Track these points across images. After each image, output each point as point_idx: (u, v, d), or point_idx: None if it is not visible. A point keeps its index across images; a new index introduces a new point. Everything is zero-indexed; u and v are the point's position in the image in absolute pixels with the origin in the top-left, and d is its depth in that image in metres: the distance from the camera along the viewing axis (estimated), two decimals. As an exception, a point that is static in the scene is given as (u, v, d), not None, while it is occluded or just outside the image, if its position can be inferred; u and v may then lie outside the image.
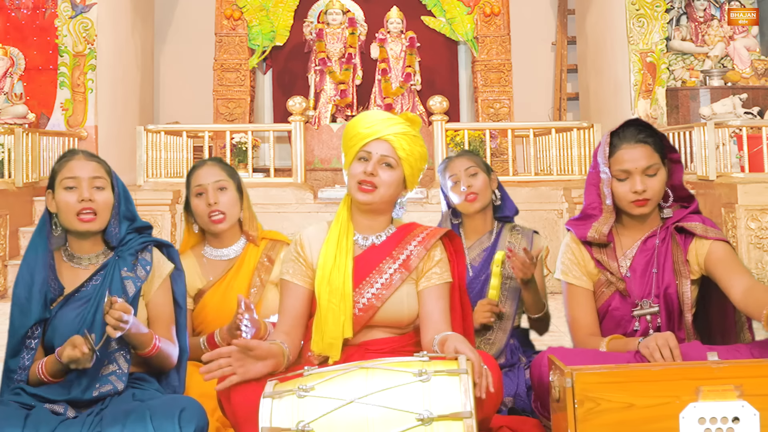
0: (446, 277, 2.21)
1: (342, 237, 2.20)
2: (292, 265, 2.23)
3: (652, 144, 2.33)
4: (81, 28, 8.17)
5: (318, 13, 9.57)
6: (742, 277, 2.20)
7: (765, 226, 5.92)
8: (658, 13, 8.12)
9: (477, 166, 2.89)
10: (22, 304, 2.18)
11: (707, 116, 7.62)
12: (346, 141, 2.24)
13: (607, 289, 2.39)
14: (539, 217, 6.65)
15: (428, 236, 2.23)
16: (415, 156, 2.21)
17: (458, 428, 1.70)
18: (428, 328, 2.14)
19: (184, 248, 2.81)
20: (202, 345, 2.59)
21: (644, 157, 2.30)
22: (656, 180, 2.31)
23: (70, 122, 8.15)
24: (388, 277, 2.17)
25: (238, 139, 7.89)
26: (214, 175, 2.72)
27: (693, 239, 2.33)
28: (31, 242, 2.26)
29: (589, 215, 2.41)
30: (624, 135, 2.34)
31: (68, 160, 2.26)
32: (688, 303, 2.32)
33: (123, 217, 2.29)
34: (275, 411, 1.77)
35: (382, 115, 2.23)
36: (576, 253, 2.42)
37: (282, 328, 2.17)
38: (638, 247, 2.38)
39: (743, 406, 1.78)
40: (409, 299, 2.19)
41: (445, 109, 7.36)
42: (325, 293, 2.15)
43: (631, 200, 2.31)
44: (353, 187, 2.18)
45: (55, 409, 2.10)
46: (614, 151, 2.34)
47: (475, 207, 2.85)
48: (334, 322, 2.13)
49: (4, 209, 6.61)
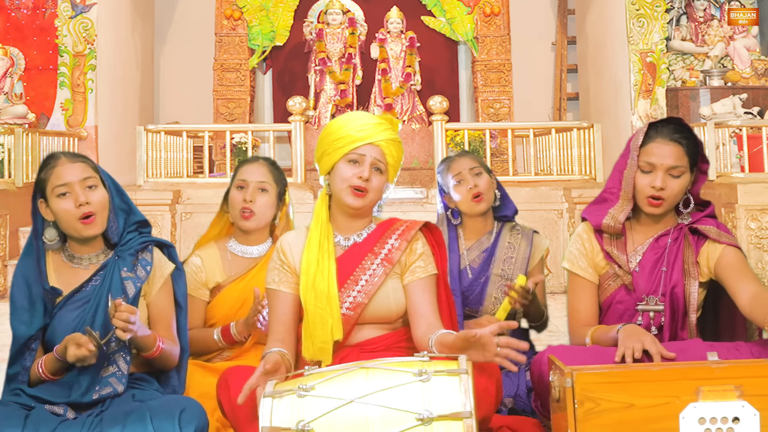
0: (431, 269, 2.21)
1: (323, 239, 2.20)
2: (277, 273, 2.23)
3: (685, 146, 2.31)
4: (81, 28, 8.17)
5: (318, 13, 9.57)
6: (750, 284, 2.20)
7: (765, 226, 5.93)
8: (658, 13, 8.12)
9: (481, 166, 2.88)
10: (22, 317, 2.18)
11: (707, 116, 7.62)
12: (331, 141, 2.20)
13: (614, 282, 2.38)
14: (539, 217, 6.65)
15: (407, 228, 2.23)
16: (398, 161, 2.24)
17: (458, 428, 1.70)
18: (418, 321, 2.15)
19: (208, 235, 2.81)
20: (216, 336, 2.61)
21: (673, 157, 2.29)
22: (678, 183, 2.30)
23: (70, 122, 8.15)
24: (372, 272, 2.18)
25: (238, 139, 7.89)
26: (260, 175, 2.74)
27: (706, 242, 2.32)
28: (25, 247, 2.25)
29: (605, 199, 2.40)
30: (661, 129, 2.33)
31: (53, 167, 2.22)
32: (694, 304, 2.31)
33: (119, 209, 2.28)
34: (275, 410, 1.77)
35: (372, 119, 2.22)
36: (586, 245, 2.41)
37: (275, 336, 2.16)
38: (650, 244, 2.37)
39: (743, 407, 1.78)
40: (396, 293, 2.19)
41: (445, 109, 7.36)
42: (311, 298, 2.15)
43: (647, 195, 2.30)
44: (343, 189, 2.17)
45: (55, 410, 2.09)
46: (647, 142, 2.32)
47: (481, 207, 2.84)
48: (323, 326, 2.14)
49: (4, 209, 6.62)
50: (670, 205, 2.33)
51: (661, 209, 2.32)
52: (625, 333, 2.12)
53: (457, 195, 2.86)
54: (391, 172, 2.23)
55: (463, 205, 2.86)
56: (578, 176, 7.11)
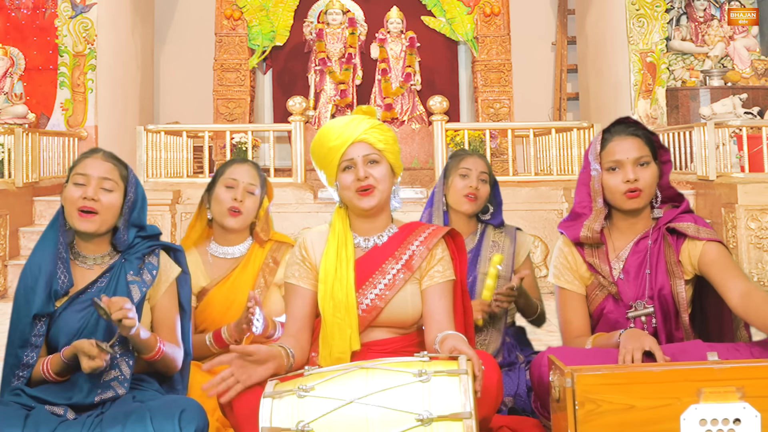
0: (449, 275, 2.20)
1: (341, 248, 2.19)
2: (298, 268, 2.22)
3: (643, 137, 2.34)
4: (81, 28, 8.17)
5: (318, 13, 9.57)
6: (737, 281, 2.19)
7: (765, 226, 5.92)
8: (658, 13, 8.12)
9: (489, 174, 2.91)
10: (26, 293, 2.17)
11: (707, 116, 7.62)
12: (320, 159, 2.21)
13: (600, 292, 2.38)
14: (539, 217, 6.65)
15: (431, 235, 2.22)
16: (391, 143, 2.21)
17: (458, 428, 1.70)
18: (431, 327, 2.14)
19: (187, 239, 2.81)
20: (208, 341, 2.60)
21: (635, 148, 2.31)
22: (648, 172, 2.31)
23: (70, 122, 8.15)
24: (391, 277, 2.17)
25: (238, 139, 7.89)
26: (250, 177, 2.76)
27: (685, 240, 2.32)
28: (43, 234, 2.25)
29: (579, 214, 2.40)
30: (615, 129, 2.37)
31: (86, 157, 2.27)
32: (684, 303, 2.31)
33: (132, 223, 2.28)
34: (275, 411, 1.77)
35: (342, 121, 2.21)
36: (568, 257, 2.42)
37: (290, 331, 2.16)
38: (630, 249, 2.37)
39: (744, 408, 1.78)
40: (414, 299, 2.18)
41: (445, 109, 7.36)
42: (329, 307, 2.15)
43: (623, 191, 2.30)
44: (351, 197, 2.17)
45: (55, 410, 2.09)
46: (605, 145, 2.35)
47: (467, 208, 2.86)
48: (341, 336, 2.13)
49: (4, 209, 6.61)
50: (647, 196, 2.33)
51: (640, 201, 2.32)
52: (627, 336, 2.11)
53: (455, 186, 2.87)
54: (389, 157, 2.20)
55: (453, 197, 2.88)
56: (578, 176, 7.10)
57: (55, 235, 2.23)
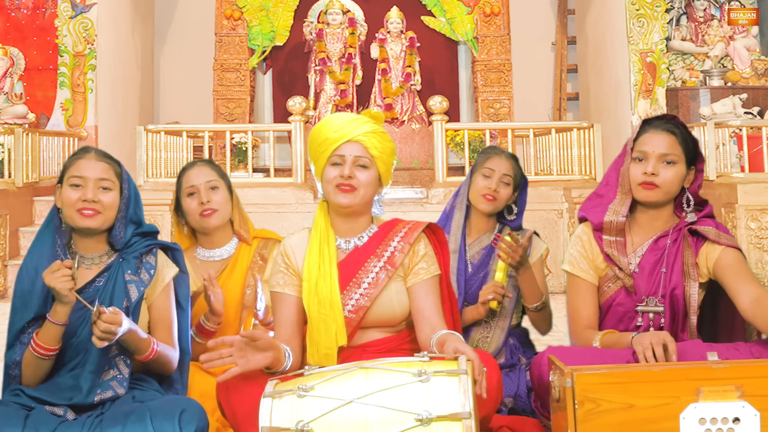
0: (433, 270, 2.21)
1: (323, 245, 2.20)
2: (282, 276, 2.23)
3: (678, 137, 2.32)
4: (81, 28, 8.17)
5: (318, 13, 9.57)
6: (750, 286, 2.19)
7: (765, 226, 5.92)
8: (658, 13, 8.11)
9: (514, 178, 2.89)
10: (23, 296, 2.17)
11: (707, 116, 7.62)
12: (314, 147, 2.21)
13: (614, 284, 2.38)
14: (539, 217, 6.64)
15: (410, 230, 2.23)
16: (386, 153, 2.21)
17: (457, 429, 1.70)
18: (422, 324, 2.14)
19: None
20: (192, 333, 2.59)
21: (665, 145, 2.30)
22: (671, 170, 2.30)
23: (70, 122, 8.15)
24: (375, 275, 2.18)
25: (238, 139, 7.89)
26: (206, 175, 2.75)
27: (705, 243, 2.32)
28: (37, 236, 2.25)
29: (601, 195, 2.40)
30: (654, 122, 2.36)
31: (79, 158, 2.25)
32: (694, 305, 2.31)
33: (130, 220, 2.28)
34: (275, 411, 1.77)
35: (347, 117, 2.21)
36: (586, 246, 2.41)
37: (280, 338, 2.16)
38: (649, 246, 2.36)
39: (744, 407, 1.78)
40: (399, 296, 2.19)
41: (445, 109, 7.36)
42: (314, 304, 2.15)
43: (639, 182, 2.30)
44: (331, 191, 2.17)
45: (55, 410, 2.09)
46: (640, 135, 2.35)
47: (485, 208, 2.86)
48: (327, 332, 2.14)
49: (4, 209, 6.61)
50: (664, 194, 2.32)
51: (653, 195, 2.31)
52: (641, 335, 2.10)
53: (477, 183, 2.87)
54: (380, 166, 2.19)
55: (473, 194, 2.88)
56: (578, 176, 7.11)
57: (51, 236, 2.23)
